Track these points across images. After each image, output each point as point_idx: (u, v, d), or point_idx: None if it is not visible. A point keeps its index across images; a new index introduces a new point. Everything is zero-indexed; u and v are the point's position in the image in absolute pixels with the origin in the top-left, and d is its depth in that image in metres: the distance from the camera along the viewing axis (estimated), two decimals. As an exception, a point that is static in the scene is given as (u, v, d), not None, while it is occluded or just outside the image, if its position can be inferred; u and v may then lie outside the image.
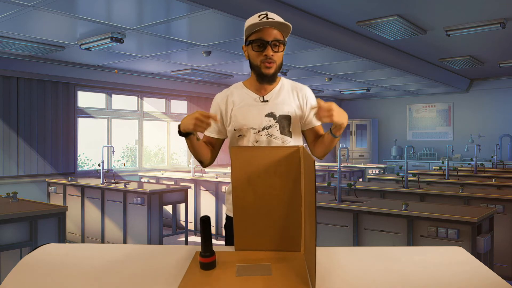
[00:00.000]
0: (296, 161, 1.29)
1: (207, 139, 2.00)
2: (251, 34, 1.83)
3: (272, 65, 1.82)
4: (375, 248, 1.37)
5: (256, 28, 1.80)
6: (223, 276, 1.09)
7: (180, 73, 7.30)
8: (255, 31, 1.81)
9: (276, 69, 1.85)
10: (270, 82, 1.88)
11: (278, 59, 1.84)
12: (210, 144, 1.99)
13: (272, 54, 1.80)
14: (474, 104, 10.16)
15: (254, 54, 1.83)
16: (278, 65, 1.85)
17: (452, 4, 4.49)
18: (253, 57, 1.84)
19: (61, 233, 3.46)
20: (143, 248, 1.39)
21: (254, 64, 1.85)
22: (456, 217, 2.96)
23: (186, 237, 5.32)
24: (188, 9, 3.93)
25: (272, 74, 1.84)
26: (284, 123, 1.88)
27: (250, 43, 1.83)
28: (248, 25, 1.81)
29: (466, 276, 1.11)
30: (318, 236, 3.55)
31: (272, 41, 1.80)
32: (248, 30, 1.82)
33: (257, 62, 1.83)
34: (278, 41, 1.81)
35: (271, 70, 1.83)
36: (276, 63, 1.84)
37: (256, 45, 1.81)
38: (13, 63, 6.03)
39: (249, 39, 1.84)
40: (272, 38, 1.80)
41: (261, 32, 1.80)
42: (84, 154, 7.94)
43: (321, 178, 6.84)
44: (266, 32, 1.79)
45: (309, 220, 1.11)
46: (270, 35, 1.79)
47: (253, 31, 1.81)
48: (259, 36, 1.80)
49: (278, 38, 1.81)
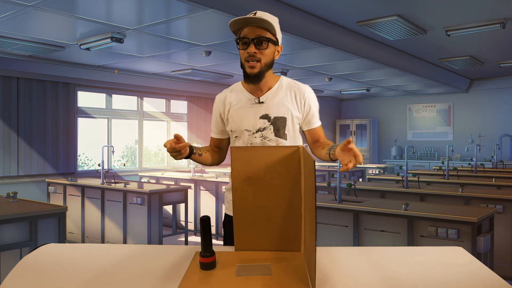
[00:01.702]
0: (296, 161, 1.29)
1: (214, 141, 2.04)
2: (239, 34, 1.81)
3: (255, 64, 1.78)
4: (375, 248, 1.37)
5: (238, 26, 1.78)
6: (223, 276, 1.09)
7: (180, 73, 7.30)
8: (242, 29, 1.79)
9: (261, 68, 1.79)
10: (255, 82, 1.83)
11: (264, 57, 1.79)
12: (217, 145, 2.03)
13: (255, 52, 1.76)
14: (474, 104, 10.16)
15: (240, 53, 1.82)
16: (264, 64, 1.80)
17: (452, 4, 4.49)
18: (240, 56, 1.83)
19: (61, 233, 3.46)
20: (143, 248, 1.39)
21: (241, 63, 1.84)
22: (456, 217, 2.96)
23: (186, 237, 5.32)
24: (188, 9, 3.93)
25: (256, 74, 1.79)
26: (279, 125, 1.85)
27: (236, 41, 1.82)
28: (229, 23, 1.79)
29: (466, 276, 1.11)
30: (318, 236, 3.55)
31: (255, 38, 1.76)
32: (231, 28, 1.81)
33: (243, 61, 1.81)
34: (262, 38, 1.76)
35: (255, 70, 1.78)
36: (262, 61, 1.79)
37: (241, 43, 1.79)
38: (13, 63, 6.02)
39: (236, 38, 1.83)
40: (255, 35, 1.76)
41: (245, 30, 1.78)
42: (84, 154, 7.93)
43: (321, 178, 6.84)
44: (250, 30, 1.77)
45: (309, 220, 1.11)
46: (253, 32, 1.76)
47: (235, 28, 1.80)
48: (244, 34, 1.78)
49: (262, 35, 1.77)
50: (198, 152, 1.85)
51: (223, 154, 2.05)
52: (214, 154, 2.00)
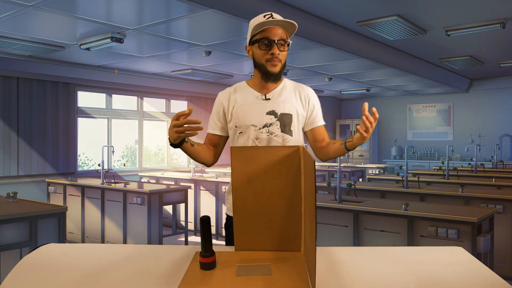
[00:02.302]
0: (296, 161, 1.29)
1: (210, 138, 2.01)
2: (256, 34, 1.85)
3: (277, 63, 1.85)
4: (375, 248, 1.37)
5: (263, 27, 1.82)
6: (223, 276, 1.09)
7: (180, 73, 7.30)
8: (260, 30, 1.83)
9: (281, 67, 1.88)
10: (275, 80, 1.90)
11: (283, 58, 1.87)
12: (213, 143, 2.00)
13: (278, 53, 1.83)
14: (474, 104, 10.16)
15: (259, 53, 1.85)
16: (283, 64, 1.88)
17: (452, 4, 4.49)
18: (259, 56, 1.86)
19: (61, 233, 3.46)
20: (143, 248, 1.39)
21: (259, 63, 1.87)
22: (456, 217, 2.96)
23: (186, 237, 5.32)
24: (188, 9, 3.93)
25: (277, 73, 1.87)
26: (285, 122, 1.89)
27: (255, 42, 1.85)
28: (254, 24, 1.83)
29: (466, 276, 1.11)
30: (318, 236, 3.55)
31: (278, 40, 1.83)
32: (255, 29, 1.84)
33: (263, 61, 1.86)
34: (283, 41, 1.84)
35: (277, 69, 1.86)
36: (281, 62, 1.87)
37: (262, 44, 1.84)
38: (13, 63, 6.02)
39: (255, 38, 1.86)
40: (277, 37, 1.83)
41: (267, 31, 1.82)
42: (84, 154, 7.93)
43: (321, 178, 6.84)
44: (272, 31, 1.82)
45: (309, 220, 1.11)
46: (275, 34, 1.82)
47: (259, 30, 1.83)
48: (265, 35, 1.82)
49: (283, 37, 1.84)
50: (190, 142, 1.83)
51: (217, 154, 2.00)
52: (209, 151, 1.97)
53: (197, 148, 1.88)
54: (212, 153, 1.98)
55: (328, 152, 1.92)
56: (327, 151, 1.93)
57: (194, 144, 1.86)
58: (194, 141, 1.87)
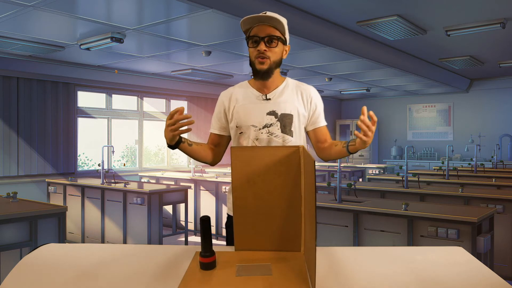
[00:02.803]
0: (296, 161, 1.29)
1: (212, 138, 2.02)
2: (249, 33, 1.86)
3: (265, 61, 1.83)
4: (375, 248, 1.37)
5: (249, 25, 1.83)
6: (223, 276, 1.09)
7: (180, 73, 7.30)
8: (252, 28, 1.84)
9: (270, 65, 1.84)
10: (264, 78, 1.87)
11: (273, 55, 1.84)
12: (214, 143, 2.01)
13: (265, 49, 1.81)
14: (474, 104, 10.16)
15: (250, 51, 1.87)
16: (273, 62, 1.85)
17: (452, 4, 4.49)
18: (250, 54, 1.88)
19: (61, 233, 3.46)
20: (143, 248, 1.39)
21: (251, 60, 1.88)
22: (456, 217, 2.96)
23: (186, 237, 5.32)
24: (188, 9, 3.93)
25: (265, 70, 1.84)
26: (286, 122, 1.88)
27: (246, 40, 1.87)
28: (241, 22, 1.85)
29: (466, 276, 1.11)
30: (318, 236, 3.55)
31: (265, 36, 1.82)
32: (242, 27, 1.86)
33: (253, 58, 1.86)
34: (272, 37, 1.82)
35: (264, 66, 1.83)
36: (271, 59, 1.84)
37: (251, 41, 1.85)
38: (13, 63, 6.02)
39: (246, 37, 1.88)
40: (265, 34, 1.82)
41: (255, 29, 1.83)
42: (84, 154, 7.93)
43: (321, 178, 6.84)
44: (260, 29, 1.82)
45: (309, 220, 1.11)
46: (263, 31, 1.82)
47: (246, 27, 1.85)
48: (254, 32, 1.83)
49: (273, 34, 1.82)
50: (187, 142, 1.83)
51: (220, 153, 2.01)
52: (209, 151, 1.97)
53: (195, 148, 1.88)
54: (212, 152, 1.98)
55: (330, 153, 1.91)
56: (329, 152, 1.92)
57: (192, 144, 1.86)
58: (192, 141, 1.87)
